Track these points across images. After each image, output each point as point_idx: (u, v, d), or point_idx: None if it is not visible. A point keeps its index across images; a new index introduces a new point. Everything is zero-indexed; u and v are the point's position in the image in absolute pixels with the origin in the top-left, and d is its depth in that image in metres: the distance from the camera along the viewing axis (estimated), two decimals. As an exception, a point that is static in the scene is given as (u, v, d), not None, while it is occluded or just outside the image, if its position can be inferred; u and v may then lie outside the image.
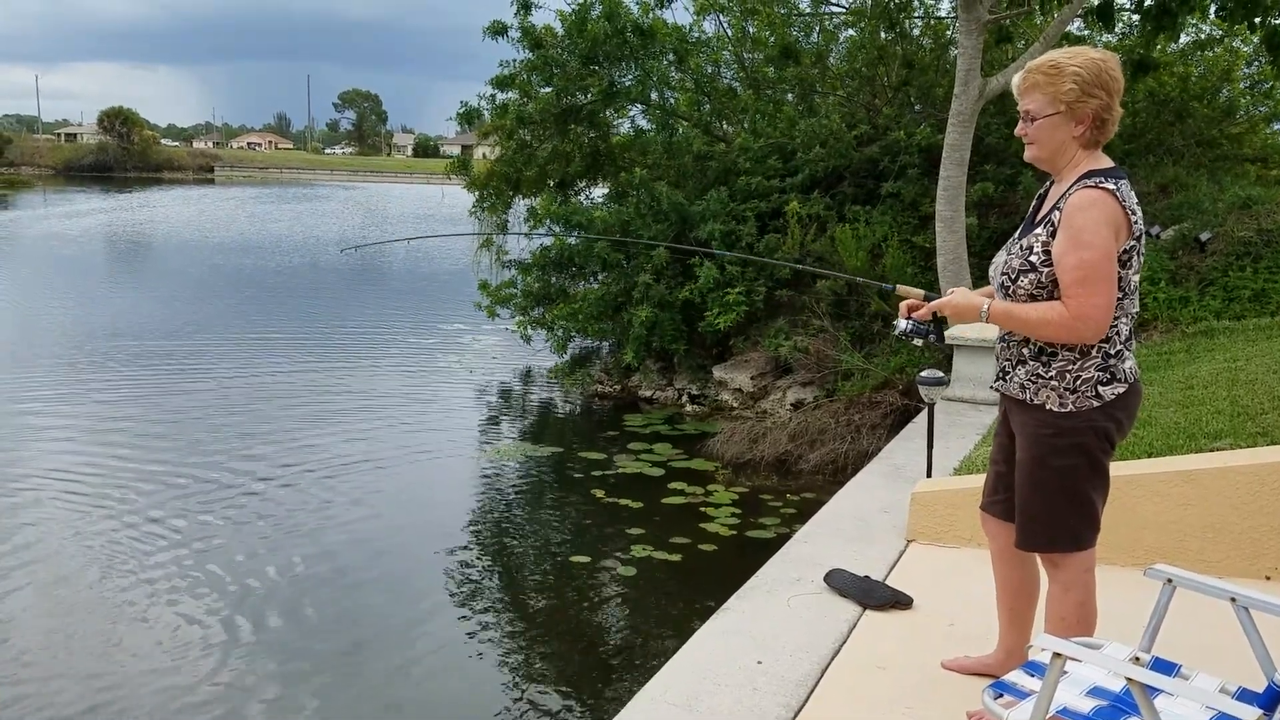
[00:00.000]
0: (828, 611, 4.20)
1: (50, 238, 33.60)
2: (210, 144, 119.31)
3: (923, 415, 7.60)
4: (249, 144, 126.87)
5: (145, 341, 16.41)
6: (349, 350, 16.24)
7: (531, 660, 6.63)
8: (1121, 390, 2.91)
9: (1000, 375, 3.13)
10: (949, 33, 13.97)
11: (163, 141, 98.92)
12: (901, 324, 3.22)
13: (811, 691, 3.54)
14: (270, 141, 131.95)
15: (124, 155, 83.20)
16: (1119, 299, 2.85)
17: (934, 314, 3.17)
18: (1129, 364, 2.95)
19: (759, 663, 3.73)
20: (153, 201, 54.35)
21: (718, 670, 3.69)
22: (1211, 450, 5.17)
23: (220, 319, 19.08)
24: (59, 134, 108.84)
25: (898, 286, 3.47)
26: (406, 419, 12.08)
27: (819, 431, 10.05)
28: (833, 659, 3.79)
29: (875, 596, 4.28)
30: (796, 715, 3.39)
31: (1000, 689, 2.56)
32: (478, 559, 8.23)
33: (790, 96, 14.56)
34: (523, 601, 7.47)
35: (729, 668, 3.71)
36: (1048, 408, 2.94)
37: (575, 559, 8.08)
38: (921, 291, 3.31)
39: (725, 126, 14.96)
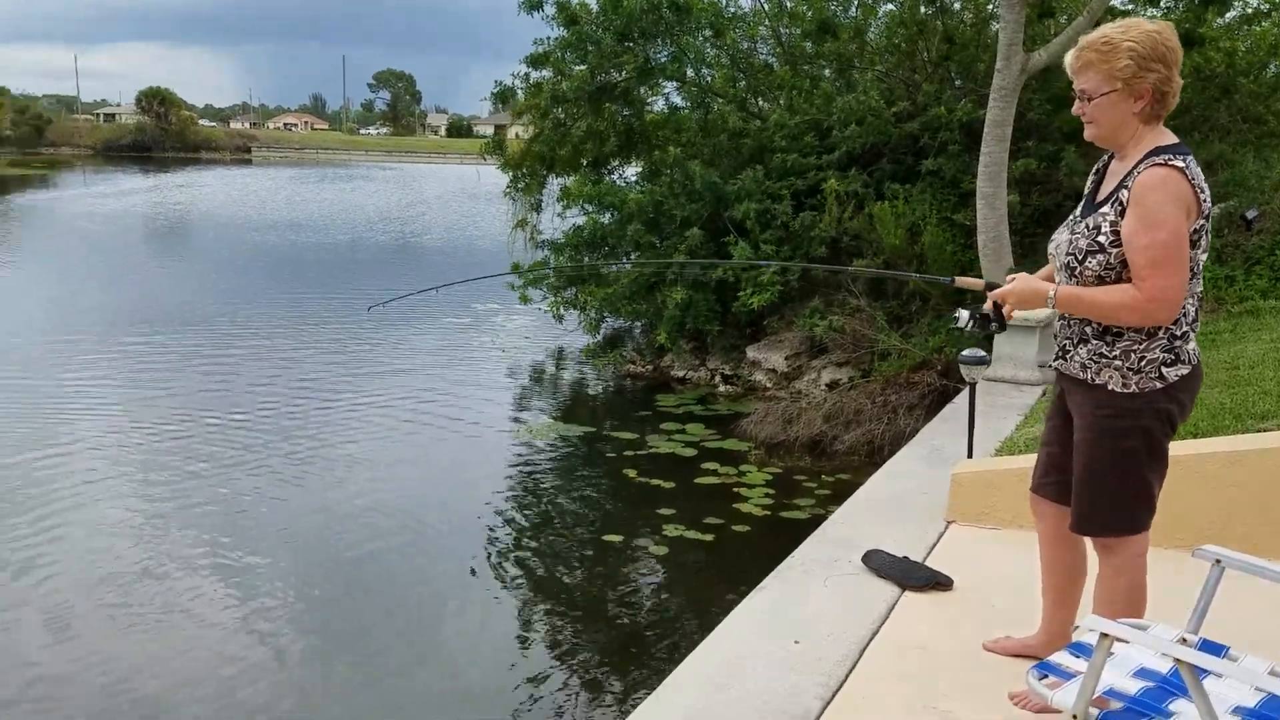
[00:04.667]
0: (866, 592, 4.14)
1: (91, 216, 34.03)
2: (247, 124, 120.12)
3: (961, 396, 7.49)
4: (285, 125, 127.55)
5: (184, 317, 16.59)
6: (384, 328, 16.30)
7: (562, 637, 6.62)
8: (1185, 372, 2.85)
9: (1059, 354, 3.04)
10: (990, 7, 13.71)
11: (200, 122, 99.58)
12: (964, 315, 3.14)
13: (850, 672, 3.49)
14: (306, 122, 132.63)
15: (162, 135, 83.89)
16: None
17: (994, 302, 3.09)
18: (1192, 345, 2.88)
19: (796, 642, 3.69)
20: (192, 181, 54.88)
21: (754, 649, 3.65)
22: (1259, 431, 5.05)
23: (259, 296, 19.26)
24: (98, 114, 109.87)
25: (957, 279, 3.38)
26: (440, 397, 12.11)
27: (854, 412, 9.94)
28: (871, 639, 3.73)
29: (914, 577, 4.21)
30: (834, 695, 3.34)
31: (1045, 669, 2.54)
32: (509, 536, 8.23)
33: (828, 72, 14.35)
34: (554, 578, 7.47)
35: (765, 647, 3.66)
36: (1109, 388, 2.87)
37: (607, 538, 8.06)
38: (982, 281, 3.23)
39: (761, 103, 14.80)
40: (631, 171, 15.29)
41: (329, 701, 5.75)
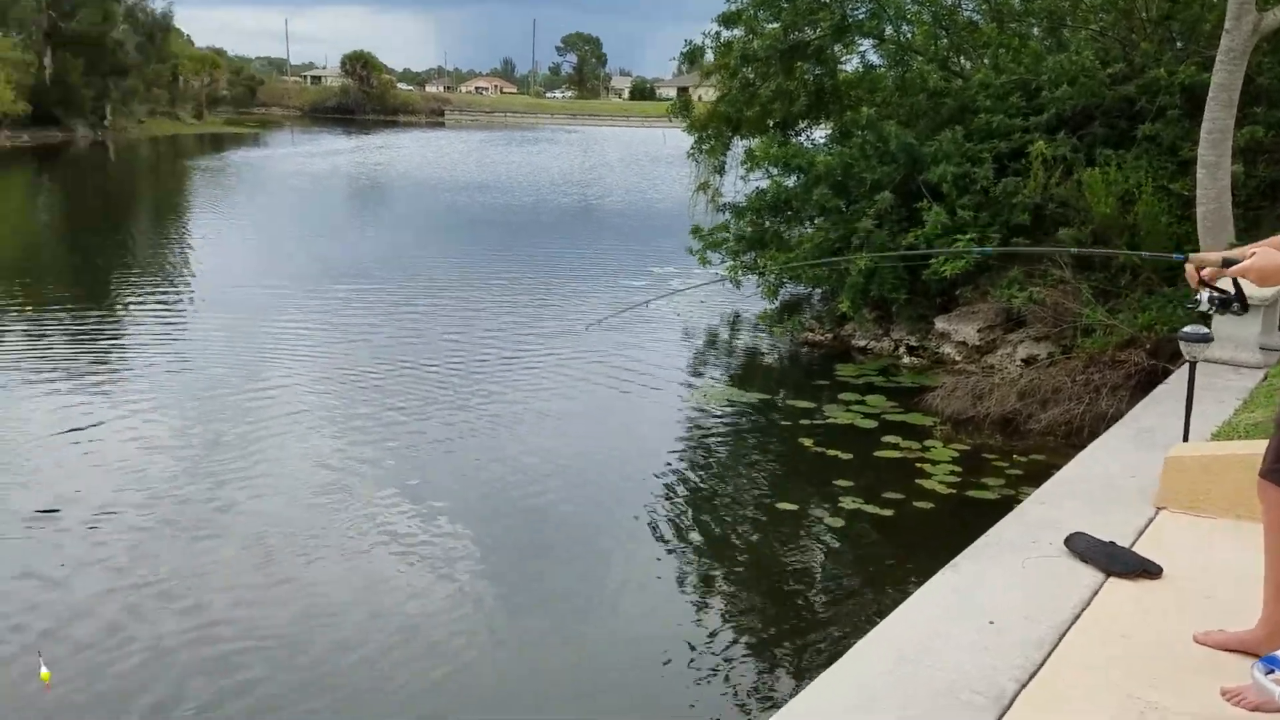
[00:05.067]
0: (1067, 576, 3.90)
1: (300, 175, 36.12)
2: (441, 88, 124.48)
3: (1173, 378, 7.00)
4: (477, 88, 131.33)
5: (383, 271, 17.45)
6: (566, 288, 16.64)
7: (731, 600, 6.56)
8: None
9: None
10: (1222, -39, 12.60)
11: (398, 85, 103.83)
12: (1204, 296, 2.94)
13: (1047, 656, 3.30)
14: (496, 86, 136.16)
15: (364, 98, 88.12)
16: None
17: (1235, 280, 2.85)
18: None
19: (991, 623, 3.51)
20: (390, 143, 57.44)
21: (945, 627, 3.50)
22: None
23: (450, 253, 20.04)
24: (305, 76, 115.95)
25: (1190, 255, 3.10)
26: (617, 357, 12.21)
27: (1052, 390, 9.41)
28: (1071, 625, 3.52)
29: (1120, 563, 3.94)
30: (1031, 678, 3.17)
31: (1272, 664, 2.35)
32: (680, 497, 8.22)
33: (1037, 30, 13.57)
34: (725, 542, 7.42)
35: (958, 626, 3.51)
36: None
37: (781, 506, 7.95)
38: (1219, 255, 2.95)
39: (963, 62, 14.13)
40: (820, 133, 14.94)
41: (503, 642, 5.90)
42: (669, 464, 8.89)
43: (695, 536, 7.46)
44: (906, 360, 12.03)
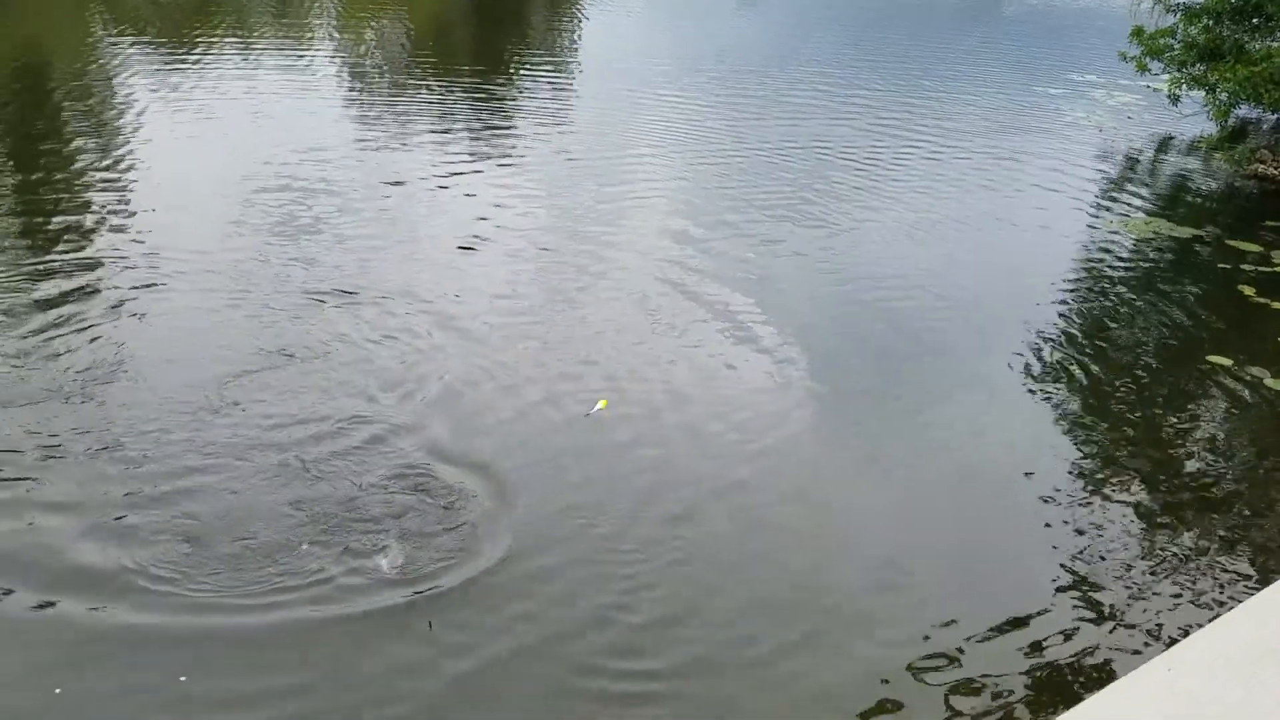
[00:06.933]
0: None
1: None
2: None
3: None
4: None
5: (765, 57, 16.92)
6: (972, 84, 15.36)
7: (1132, 457, 5.90)
8: None
9: None
10: None
11: None
12: None
13: None
14: None
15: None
16: None
17: None
18: None
19: None
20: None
21: None
22: None
23: (842, 44, 18.94)
24: None
25: None
26: (1021, 165, 11.25)
27: None
28: None
29: None
30: None
31: None
32: (1075, 332, 7.47)
33: None
34: (1131, 389, 6.69)
35: None
36: None
37: (1212, 359, 7.06)
38: None
39: None
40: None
41: (841, 461, 5.76)
42: (1068, 291, 8.19)
43: (1095, 376, 6.80)
44: (1386, 209, 10.08)
